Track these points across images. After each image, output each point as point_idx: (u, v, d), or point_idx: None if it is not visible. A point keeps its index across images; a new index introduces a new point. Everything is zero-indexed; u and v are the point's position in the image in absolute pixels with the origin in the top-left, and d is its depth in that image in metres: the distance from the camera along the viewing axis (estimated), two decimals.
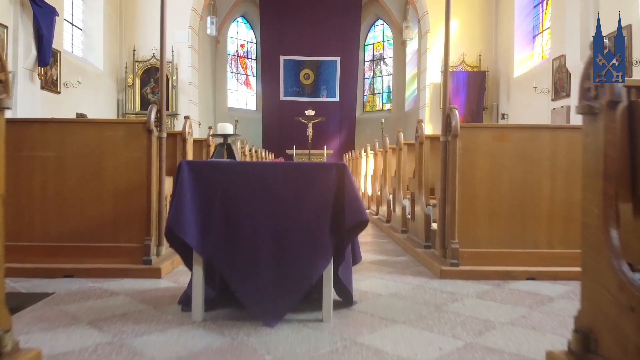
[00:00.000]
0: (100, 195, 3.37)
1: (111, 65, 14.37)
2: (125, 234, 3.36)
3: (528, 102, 13.26)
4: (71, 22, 13.08)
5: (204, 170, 2.32)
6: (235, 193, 2.32)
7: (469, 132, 3.41)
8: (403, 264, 3.85)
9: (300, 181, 2.32)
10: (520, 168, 3.41)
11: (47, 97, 10.69)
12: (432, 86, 15.85)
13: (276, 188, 2.32)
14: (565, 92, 11.21)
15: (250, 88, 24.13)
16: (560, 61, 11.49)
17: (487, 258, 3.37)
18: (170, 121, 14.78)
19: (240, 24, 23.59)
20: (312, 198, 2.32)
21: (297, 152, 18.96)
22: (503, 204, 3.41)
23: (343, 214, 2.29)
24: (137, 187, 3.35)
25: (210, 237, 2.29)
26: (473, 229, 3.40)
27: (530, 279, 3.32)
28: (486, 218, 3.41)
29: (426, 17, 15.80)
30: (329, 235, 2.29)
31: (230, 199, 2.32)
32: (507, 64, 14.65)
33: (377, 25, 24.08)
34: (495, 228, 3.40)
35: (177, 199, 2.28)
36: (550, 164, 3.41)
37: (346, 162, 12.51)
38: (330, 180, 2.31)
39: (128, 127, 3.38)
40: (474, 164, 3.40)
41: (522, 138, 3.43)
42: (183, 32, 15.15)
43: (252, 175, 2.34)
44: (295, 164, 2.36)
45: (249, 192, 2.32)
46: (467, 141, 3.40)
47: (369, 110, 24.49)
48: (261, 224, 2.31)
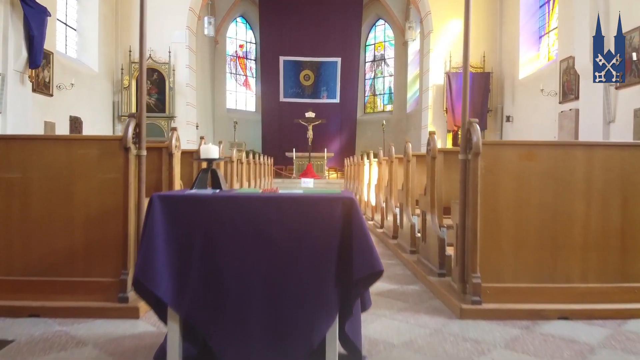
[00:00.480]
0: (70, 223, 2.94)
1: (106, 67, 14.01)
2: (99, 266, 2.93)
3: (534, 105, 12.90)
4: (65, 23, 12.74)
5: (181, 206, 1.90)
6: (219, 234, 1.90)
7: (492, 150, 2.98)
8: (415, 296, 3.42)
9: (298, 219, 1.90)
10: (551, 191, 2.98)
11: (39, 100, 10.39)
12: (435, 88, 15.49)
13: (269, 228, 1.89)
14: (574, 95, 10.83)
15: (250, 89, 23.74)
16: (568, 62, 11.14)
17: (514, 294, 2.94)
18: (167, 123, 14.43)
19: (239, 24, 23.21)
20: (313, 240, 1.89)
21: (297, 155, 18.57)
22: (531, 232, 2.98)
23: (351, 261, 1.86)
24: (112, 212, 2.93)
25: (188, 290, 1.87)
26: (497, 260, 2.97)
27: (563, 318, 2.89)
28: (512, 248, 2.98)
29: (429, 17, 15.42)
30: (334, 287, 1.87)
31: (213, 242, 1.89)
32: (512, 65, 14.29)
33: (378, 25, 23.70)
34: (522, 259, 2.98)
35: (147, 243, 1.85)
36: (585, 186, 2.99)
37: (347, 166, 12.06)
38: (335, 218, 1.88)
39: (102, 145, 2.96)
40: (497, 186, 2.98)
41: (552, 156, 3.00)
42: (180, 33, 14.81)
43: (240, 212, 1.91)
44: (292, 197, 1.93)
45: (235, 233, 1.90)
46: (490, 160, 2.97)
47: (369, 112, 24.10)
48: (251, 273, 1.88)
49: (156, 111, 14.50)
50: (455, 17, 15.31)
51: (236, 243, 1.90)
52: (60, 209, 2.95)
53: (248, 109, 23.53)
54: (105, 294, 2.89)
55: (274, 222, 1.89)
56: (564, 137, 11.10)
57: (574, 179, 2.99)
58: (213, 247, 1.89)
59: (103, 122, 13.39)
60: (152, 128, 14.47)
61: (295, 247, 1.89)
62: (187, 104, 14.92)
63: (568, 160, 3.00)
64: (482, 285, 2.92)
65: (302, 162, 18.63)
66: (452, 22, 15.34)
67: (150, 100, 14.63)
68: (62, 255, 2.94)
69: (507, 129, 14.73)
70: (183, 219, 1.90)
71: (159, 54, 14.48)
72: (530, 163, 2.98)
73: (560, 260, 2.99)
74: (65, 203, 2.95)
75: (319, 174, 18.18)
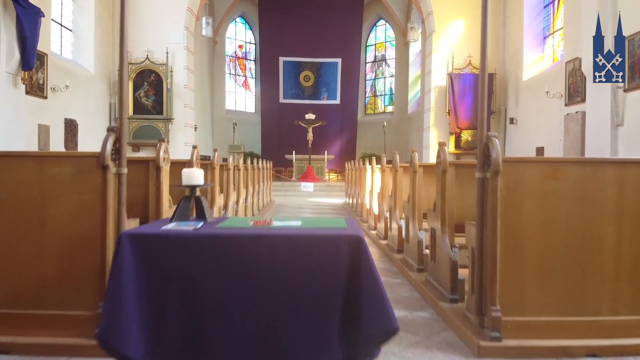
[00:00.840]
0: (42, 250, 2.64)
1: (102, 68, 13.75)
2: (74, 299, 2.63)
3: (539, 107, 12.63)
4: (60, 23, 12.47)
5: (155, 247, 1.59)
6: (200, 280, 1.59)
7: (513, 167, 2.67)
8: (426, 326, 3.11)
9: (295, 261, 1.59)
10: (579, 213, 2.68)
11: (33, 103, 10.16)
12: (437, 89, 15.24)
13: (261, 272, 1.59)
14: (580, 97, 10.56)
15: (249, 90, 23.45)
16: (574, 64, 10.88)
17: (537, 329, 2.63)
18: (164, 126, 14.16)
19: (238, 24, 22.92)
20: (313, 288, 1.59)
21: (297, 157, 18.27)
22: (556, 260, 2.67)
23: (359, 314, 1.55)
24: (88, 238, 2.62)
25: (164, 347, 1.57)
26: (519, 291, 2.66)
27: (591, 355, 2.59)
28: (535, 277, 2.67)
29: (431, 18, 15.16)
30: (337, 345, 1.56)
31: (194, 289, 1.59)
32: (516, 67, 14.05)
33: (379, 26, 23.42)
34: (547, 290, 2.67)
35: (114, 292, 1.55)
36: (616, 208, 2.68)
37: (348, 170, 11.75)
38: (340, 261, 1.58)
39: (77, 162, 2.64)
40: (519, 208, 2.67)
41: (580, 174, 2.69)
42: (178, 33, 14.57)
43: (226, 253, 1.60)
44: (288, 235, 1.62)
45: (220, 279, 1.59)
46: (511, 178, 2.66)
47: (370, 113, 23.82)
48: (238, 325, 1.58)
49: (153, 113, 14.26)
50: (458, 18, 15.04)
51: (221, 290, 1.59)
52: (30, 234, 2.64)
53: (247, 110, 23.26)
54: (81, 329, 2.58)
55: (266, 266, 1.59)
56: (570, 141, 10.82)
57: (604, 200, 2.69)
58: (194, 296, 1.58)
59: (99, 125, 13.11)
60: (150, 130, 14.21)
61: (291, 295, 1.58)
62: (185, 105, 14.67)
63: (597, 178, 2.69)
64: (503, 319, 2.61)
65: (302, 165, 18.35)
66: (455, 23, 15.08)
67: (148, 102, 14.37)
68: (33, 286, 2.63)
69: (511, 131, 14.50)
70: (158, 262, 1.59)
71: (156, 55, 14.24)
72: (555, 182, 2.67)
73: (588, 290, 2.68)
74: (37, 228, 2.64)
75: (319, 177, 17.88)
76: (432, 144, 15.24)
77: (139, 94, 14.30)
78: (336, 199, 14.74)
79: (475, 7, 14.85)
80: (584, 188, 2.68)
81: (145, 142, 14.19)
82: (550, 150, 11.92)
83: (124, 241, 1.58)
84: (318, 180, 17.53)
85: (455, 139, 14.93)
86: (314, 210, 11.17)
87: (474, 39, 14.88)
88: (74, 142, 12.14)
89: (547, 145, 12.23)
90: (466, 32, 15.00)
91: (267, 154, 20.73)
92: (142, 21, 14.20)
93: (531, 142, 12.81)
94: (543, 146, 12.44)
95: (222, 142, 19.12)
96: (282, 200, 13.95)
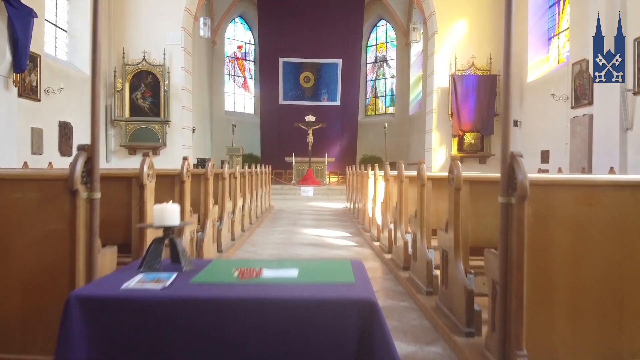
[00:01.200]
0: (3, 286, 2.31)
1: None
2: (40, 342, 2.29)
3: (544, 109, 12.34)
4: (54, 24, 12.19)
5: (113, 314, 1.26)
6: (170, 355, 1.26)
7: (541, 192, 2.34)
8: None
9: (291, 334, 1.25)
10: (617, 244, 2.34)
11: (26, 106, 9.91)
12: (440, 91, 14.97)
13: (246, 347, 1.25)
14: (587, 100, 10.26)
15: (249, 91, 23.13)
16: (581, 66, 10.60)
17: None
18: (162, 128, 13.87)
19: (237, 25, 22.61)
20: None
21: (297, 160, 17.95)
22: (591, 297, 2.34)
23: None
24: (56, 272, 2.28)
25: None
26: (548, 332, 2.33)
27: None
28: (567, 317, 2.34)
29: (433, 18, 14.88)
30: None
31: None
32: (520, 68, 13.76)
33: (380, 26, 23.10)
34: (580, 332, 2.34)
35: None
36: None
37: (349, 175, 11.43)
38: (348, 334, 1.24)
39: (42, 186, 2.31)
40: (549, 238, 2.33)
41: (618, 199, 2.36)
42: (175, 34, 14.31)
43: (202, 322, 1.27)
44: (282, 300, 1.29)
45: (194, 353, 1.26)
46: (539, 204, 2.33)
47: (371, 114, 23.50)
48: None
49: (150, 115, 13.99)
50: (461, 18, 14.76)
51: None
52: None
53: (247, 111, 22.94)
54: None
55: (254, 337, 1.25)
56: (576, 144, 10.52)
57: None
58: None
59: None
60: (146, 133, 13.93)
61: None
62: (182, 107, 14.38)
63: (638, 204, 2.36)
64: None
65: (302, 167, 18.03)
66: (458, 24, 14.80)
67: (144, 104, 14.08)
68: None
69: (516, 134, 14.22)
70: (117, 332, 1.26)
71: (153, 56, 13.99)
72: (590, 208, 2.34)
73: (627, 331, 2.35)
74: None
75: (319, 180, 17.55)
76: (435, 146, 14.95)
77: (135, 96, 14.04)
78: (337, 203, 14.42)
79: (478, 7, 14.59)
80: (622, 215, 2.35)
81: (141, 144, 13.92)
82: (556, 154, 11.63)
83: (72, 307, 1.25)
84: (318, 183, 17.21)
85: (458, 141, 14.65)
86: (314, 217, 10.85)
87: (477, 40, 14.59)
88: (68, 145, 11.84)
89: (553, 149, 11.94)
90: (469, 33, 14.74)
91: (266, 156, 20.40)
92: (139, 22, 13.95)
93: (536, 146, 12.52)
94: (548, 150, 12.15)
95: (221, 144, 18.79)
96: (281, 204, 13.62)
